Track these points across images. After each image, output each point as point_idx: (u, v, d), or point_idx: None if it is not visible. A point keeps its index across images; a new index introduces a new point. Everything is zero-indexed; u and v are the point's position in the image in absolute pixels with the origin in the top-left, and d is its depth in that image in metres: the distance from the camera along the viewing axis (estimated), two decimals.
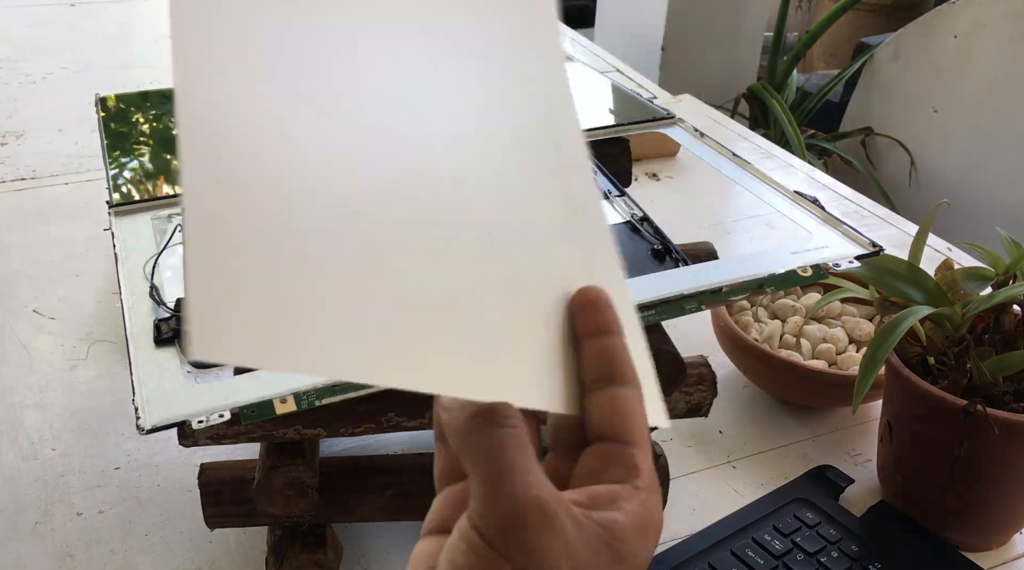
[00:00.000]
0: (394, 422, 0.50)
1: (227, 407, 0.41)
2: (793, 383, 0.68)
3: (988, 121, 1.66)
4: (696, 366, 0.53)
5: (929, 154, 1.78)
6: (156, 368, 0.44)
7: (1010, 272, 0.57)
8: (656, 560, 0.56)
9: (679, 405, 0.52)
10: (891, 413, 0.59)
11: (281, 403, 0.42)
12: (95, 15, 1.51)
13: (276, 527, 0.54)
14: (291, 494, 0.50)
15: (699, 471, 0.65)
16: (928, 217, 0.59)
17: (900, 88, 1.83)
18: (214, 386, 0.43)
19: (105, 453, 0.65)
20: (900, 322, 0.53)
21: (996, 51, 1.63)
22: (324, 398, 0.42)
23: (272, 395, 0.42)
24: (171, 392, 0.43)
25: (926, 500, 0.58)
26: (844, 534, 0.58)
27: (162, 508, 0.60)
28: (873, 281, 0.58)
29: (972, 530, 0.59)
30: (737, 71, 2.14)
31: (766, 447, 0.67)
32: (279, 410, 0.42)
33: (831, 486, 0.62)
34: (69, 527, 0.59)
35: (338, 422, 0.49)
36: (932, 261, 0.59)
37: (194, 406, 0.41)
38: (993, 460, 0.54)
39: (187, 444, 0.49)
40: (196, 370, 0.45)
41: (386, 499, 0.54)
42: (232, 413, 0.41)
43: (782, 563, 0.56)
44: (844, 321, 0.73)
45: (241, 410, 0.41)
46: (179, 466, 0.63)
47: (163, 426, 0.41)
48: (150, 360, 0.45)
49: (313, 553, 0.52)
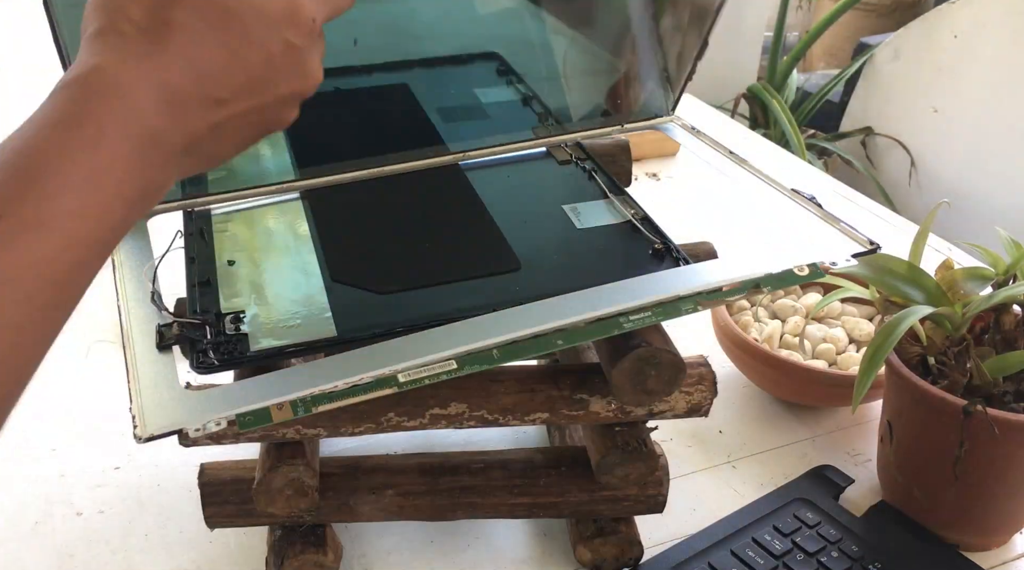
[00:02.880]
0: (394, 422, 0.50)
1: (224, 415, 0.41)
2: (793, 383, 0.68)
3: (988, 121, 1.66)
4: (696, 366, 0.53)
5: (929, 154, 1.78)
6: (153, 375, 0.44)
7: (1010, 272, 0.57)
8: (656, 560, 0.57)
9: (679, 405, 0.53)
10: (891, 413, 0.59)
11: (278, 410, 0.42)
12: None
13: (276, 527, 0.54)
14: (291, 494, 0.50)
15: (699, 471, 0.65)
16: (928, 217, 0.59)
17: (900, 88, 1.83)
18: (212, 393, 0.42)
19: (105, 453, 0.65)
20: (900, 322, 0.53)
21: (996, 51, 1.63)
22: (320, 405, 0.42)
23: (269, 402, 0.42)
24: (168, 399, 0.42)
25: (926, 500, 0.58)
26: (844, 534, 0.58)
27: (162, 508, 0.60)
28: (873, 281, 0.58)
29: (972, 530, 0.59)
30: (737, 71, 2.14)
31: (766, 447, 0.67)
32: (275, 417, 0.42)
33: (831, 486, 0.62)
34: (69, 527, 0.59)
35: (338, 422, 0.49)
36: (932, 261, 0.59)
37: (191, 413, 0.41)
38: (993, 460, 0.54)
39: (187, 444, 0.49)
40: (196, 375, 0.44)
41: (386, 499, 0.54)
42: (228, 421, 0.41)
43: (782, 563, 0.56)
44: (844, 321, 0.73)
45: (238, 417, 0.41)
46: (179, 466, 0.63)
47: (159, 435, 0.41)
48: (148, 366, 0.44)
49: (313, 553, 0.52)
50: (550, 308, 0.46)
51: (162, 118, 0.36)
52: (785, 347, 0.71)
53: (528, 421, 0.52)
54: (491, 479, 0.55)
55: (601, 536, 0.56)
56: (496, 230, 0.54)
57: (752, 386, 0.72)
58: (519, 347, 0.45)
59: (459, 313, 0.47)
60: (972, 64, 1.68)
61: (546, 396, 0.51)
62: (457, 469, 0.55)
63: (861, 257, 0.50)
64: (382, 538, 0.59)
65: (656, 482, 0.55)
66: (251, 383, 0.43)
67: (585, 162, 0.62)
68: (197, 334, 0.46)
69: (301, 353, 0.46)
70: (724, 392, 0.70)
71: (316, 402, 0.42)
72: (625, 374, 0.48)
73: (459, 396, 0.50)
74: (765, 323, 0.72)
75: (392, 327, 0.46)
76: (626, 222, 0.56)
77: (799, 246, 0.50)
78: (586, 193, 0.59)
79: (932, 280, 0.56)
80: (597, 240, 0.54)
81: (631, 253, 0.53)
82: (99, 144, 0.34)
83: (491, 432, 0.66)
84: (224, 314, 0.48)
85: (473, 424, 0.51)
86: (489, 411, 0.51)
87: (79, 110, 0.34)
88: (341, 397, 0.42)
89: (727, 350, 0.71)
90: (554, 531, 0.60)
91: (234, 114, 0.38)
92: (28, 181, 0.32)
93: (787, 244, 0.51)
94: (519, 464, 0.56)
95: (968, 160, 1.71)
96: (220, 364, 0.45)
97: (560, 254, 0.54)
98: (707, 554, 0.56)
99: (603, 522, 0.56)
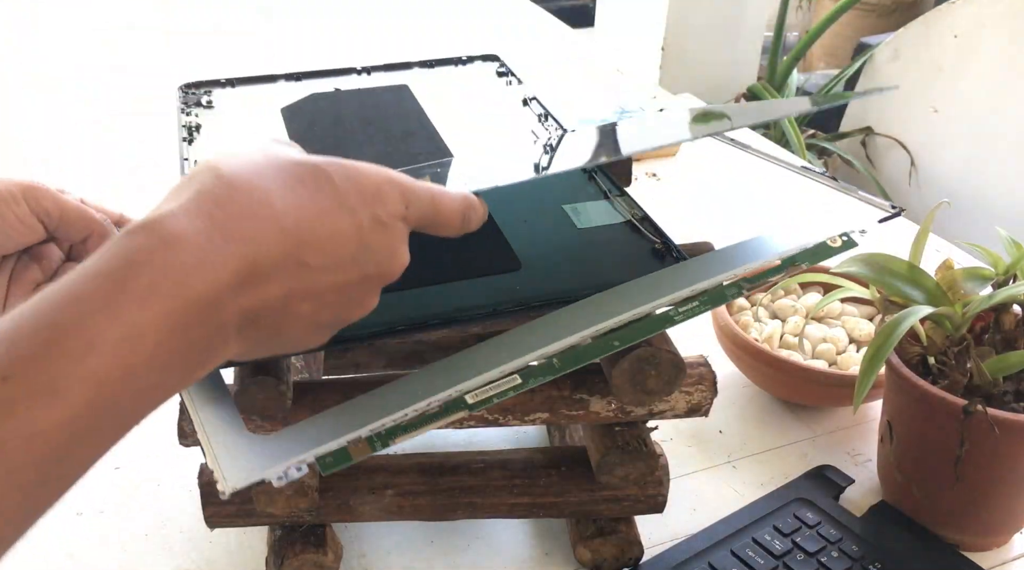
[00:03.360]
0: None
1: (303, 459, 0.39)
2: (793, 383, 0.68)
3: (988, 121, 1.66)
4: (696, 366, 0.53)
5: (929, 154, 1.78)
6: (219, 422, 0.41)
7: (1010, 272, 0.57)
8: (656, 560, 0.57)
9: (679, 405, 0.53)
10: (891, 413, 0.59)
11: (355, 447, 0.41)
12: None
13: (276, 527, 0.54)
14: (291, 494, 0.50)
15: (699, 471, 0.65)
16: (928, 217, 0.59)
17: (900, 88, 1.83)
18: (283, 435, 0.41)
19: None
20: (900, 322, 0.53)
21: (996, 51, 1.63)
22: (397, 436, 0.41)
23: (346, 439, 0.40)
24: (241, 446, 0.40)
25: (926, 500, 0.58)
26: (844, 534, 0.58)
27: (162, 508, 0.60)
28: (873, 281, 0.58)
29: (972, 530, 0.59)
30: (737, 71, 2.14)
31: (766, 447, 0.67)
32: (354, 455, 0.41)
33: (831, 486, 0.62)
34: (69, 527, 0.59)
35: None
36: (932, 261, 0.59)
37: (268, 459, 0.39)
38: (993, 460, 0.54)
39: (187, 444, 0.49)
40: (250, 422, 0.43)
41: (386, 499, 0.54)
42: (308, 465, 0.40)
43: (782, 563, 0.56)
44: (844, 321, 0.73)
45: (317, 460, 0.40)
46: (179, 466, 0.63)
47: (244, 487, 0.39)
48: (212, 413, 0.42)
49: (313, 553, 0.52)
50: (595, 308, 0.46)
51: (230, 277, 0.31)
52: (785, 347, 0.71)
53: (528, 421, 0.52)
54: (491, 479, 0.55)
55: (601, 536, 0.56)
56: (496, 229, 0.54)
57: (752, 386, 0.72)
58: (578, 353, 0.44)
59: (459, 312, 0.47)
60: (972, 64, 1.68)
61: (546, 396, 0.51)
62: (457, 469, 0.55)
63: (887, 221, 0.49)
64: (382, 538, 0.59)
65: (656, 482, 0.55)
66: (317, 420, 0.42)
67: None
68: None
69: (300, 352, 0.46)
70: (724, 392, 0.70)
71: (391, 435, 0.41)
72: (625, 374, 0.48)
73: None
74: (765, 323, 0.72)
75: (392, 326, 0.46)
76: (626, 222, 0.56)
77: (824, 220, 0.50)
78: (586, 193, 0.59)
79: (932, 280, 0.56)
80: (597, 239, 0.54)
81: (631, 252, 0.53)
82: (148, 298, 0.29)
83: (491, 432, 0.66)
84: None
85: (473, 424, 0.51)
86: (489, 411, 0.51)
87: (137, 259, 0.30)
88: (414, 427, 0.42)
89: (727, 350, 0.71)
90: (554, 531, 0.59)
91: (315, 287, 0.34)
92: (53, 337, 0.28)
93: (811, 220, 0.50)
94: (519, 464, 0.56)
95: (968, 160, 1.71)
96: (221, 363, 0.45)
97: (560, 253, 0.54)
98: (707, 554, 0.56)
99: (603, 522, 0.56)
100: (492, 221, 0.55)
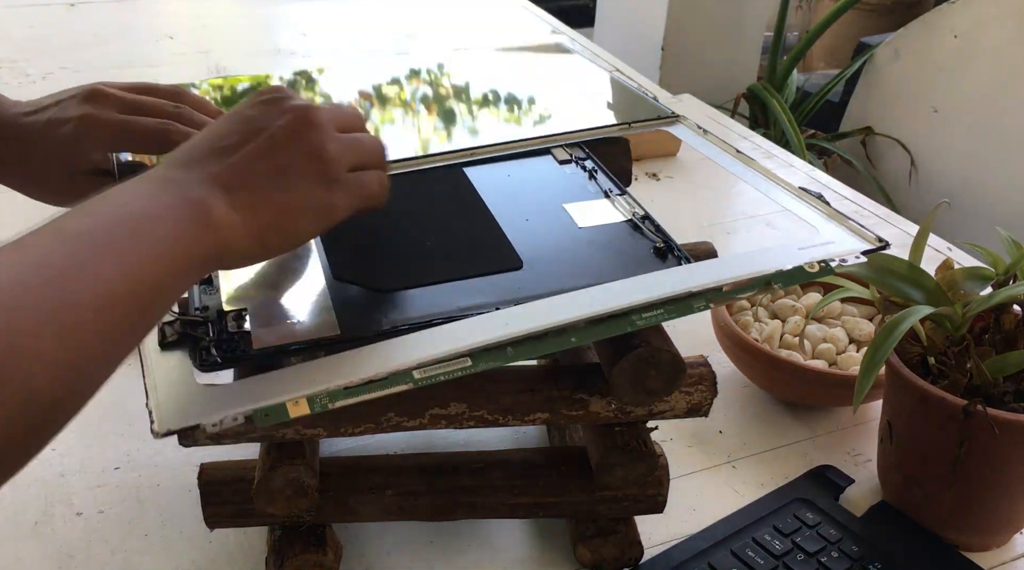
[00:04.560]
0: (394, 422, 0.50)
1: (241, 410, 0.41)
2: (793, 383, 0.68)
3: (988, 121, 1.66)
4: (696, 366, 0.53)
5: (929, 154, 1.78)
6: (168, 371, 0.44)
7: (1010, 272, 0.57)
8: (656, 560, 0.57)
9: (679, 405, 0.53)
10: (891, 413, 0.59)
11: (294, 405, 0.42)
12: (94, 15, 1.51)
13: (276, 527, 0.54)
14: (291, 494, 0.50)
15: (699, 471, 0.65)
16: (928, 217, 0.59)
17: (900, 88, 1.83)
18: (227, 389, 0.43)
19: (105, 453, 0.65)
20: (900, 322, 0.53)
21: (996, 51, 1.63)
22: (337, 400, 0.42)
23: (286, 397, 0.42)
24: (184, 396, 0.42)
25: (926, 500, 0.58)
26: (844, 534, 0.58)
27: (162, 508, 0.60)
28: (874, 281, 0.58)
29: (972, 530, 0.59)
30: (737, 71, 2.14)
31: (766, 447, 0.67)
32: (292, 413, 0.42)
33: (831, 486, 0.62)
34: (69, 527, 0.59)
35: (337, 422, 0.49)
36: (932, 261, 0.59)
37: (207, 409, 0.41)
38: (993, 460, 0.54)
39: (187, 444, 0.49)
40: (203, 373, 0.44)
41: (386, 499, 0.54)
42: (245, 417, 0.41)
43: (782, 563, 0.56)
44: (844, 321, 0.73)
45: (255, 413, 0.41)
46: (179, 466, 0.63)
47: (177, 430, 0.41)
48: (163, 363, 0.44)
49: (313, 553, 0.52)
50: (560, 304, 0.46)
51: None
52: (785, 347, 0.71)
53: (528, 421, 0.52)
54: (491, 479, 0.55)
55: (601, 536, 0.56)
56: (498, 229, 0.54)
57: (752, 386, 0.72)
58: (532, 345, 0.45)
59: (461, 311, 0.47)
60: (972, 64, 1.68)
61: (546, 396, 0.51)
62: (457, 469, 0.55)
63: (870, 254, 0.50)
64: (382, 538, 0.59)
65: (656, 482, 0.55)
66: (266, 379, 0.43)
67: (585, 162, 0.62)
68: (199, 332, 0.46)
69: (303, 351, 0.46)
70: (724, 392, 0.70)
71: (333, 398, 0.42)
72: (625, 374, 0.48)
73: (459, 396, 0.50)
74: (765, 323, 0.72)
75: (395, 325, 0.46)
76: (627, 221, 0.56)
77: (809, 243, 0.50)
78: (587, 192, 0.59)
79: (932, 280, 0.56)
80: (598, 239, 0.54)
81: (632, 252, 0.53)
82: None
83: (491, 432, 0.66)
84: (226, 312, 0.48)
85: (473, 424, 0.51)
86: (489, 411, 0.51)
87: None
88: (357, 393, 0.42)
89: (727, 350, 0.71)
90: (554, 531, 0.59)
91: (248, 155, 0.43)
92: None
93: (796, 241, 0.51)
94: (519, 464, 0.56)
95: (968, 160, 1.71)
96: (223, 362, 0.45)
97: (561, 253, 0.54)
98: (707, 554, 0.56)
99: (603, 522, 0.56)
100: (494, 221, 0.55)
